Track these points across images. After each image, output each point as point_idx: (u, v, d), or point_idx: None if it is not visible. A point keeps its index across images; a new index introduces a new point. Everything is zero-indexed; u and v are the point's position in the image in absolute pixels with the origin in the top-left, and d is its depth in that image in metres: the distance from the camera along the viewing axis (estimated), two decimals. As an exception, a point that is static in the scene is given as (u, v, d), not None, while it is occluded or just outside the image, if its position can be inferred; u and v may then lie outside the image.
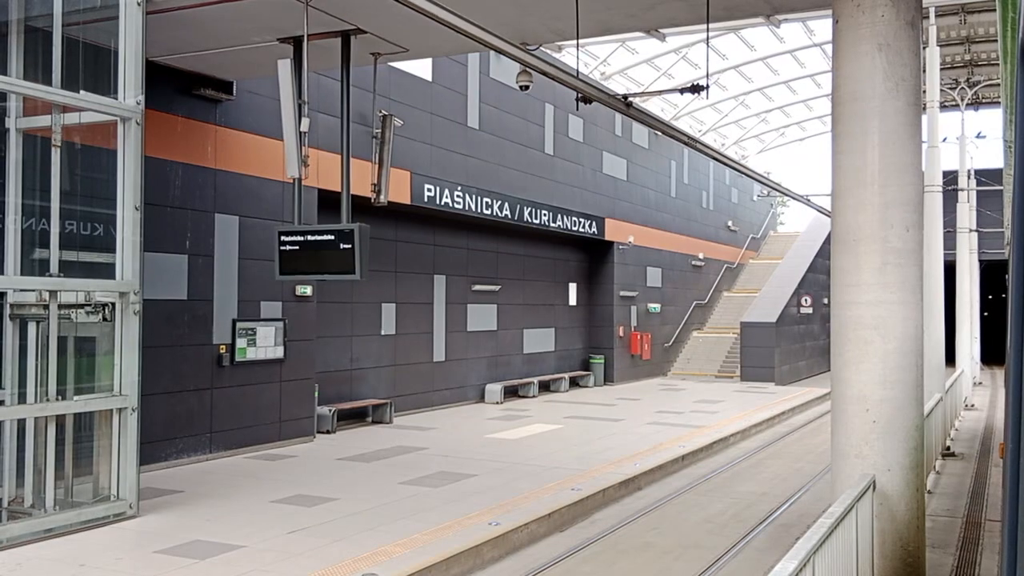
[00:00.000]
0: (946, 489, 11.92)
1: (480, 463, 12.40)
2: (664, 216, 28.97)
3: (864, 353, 7.16)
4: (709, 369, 29.11)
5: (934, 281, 14.91)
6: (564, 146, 22.56)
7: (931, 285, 14.91)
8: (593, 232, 23.67)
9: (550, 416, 17.85)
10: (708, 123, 35.96)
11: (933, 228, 15.07)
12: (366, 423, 15.99)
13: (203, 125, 12.00)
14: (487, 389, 19.89)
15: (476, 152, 18.71)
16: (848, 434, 7.29)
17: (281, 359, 13.20)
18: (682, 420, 17.62)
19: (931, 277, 14.92)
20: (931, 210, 15.09)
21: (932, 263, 14.88)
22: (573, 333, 24.54)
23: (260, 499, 9.86)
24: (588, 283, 25.34)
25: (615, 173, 25.39)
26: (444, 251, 18.68)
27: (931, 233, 15.03)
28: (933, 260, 14.95)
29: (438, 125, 17.42)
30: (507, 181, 19.80)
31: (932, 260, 14.95)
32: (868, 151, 7.24)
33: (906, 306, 7.12)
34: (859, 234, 7.23)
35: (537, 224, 20.75)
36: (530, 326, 22.19)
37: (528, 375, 21.82)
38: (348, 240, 9.72)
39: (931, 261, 14.95)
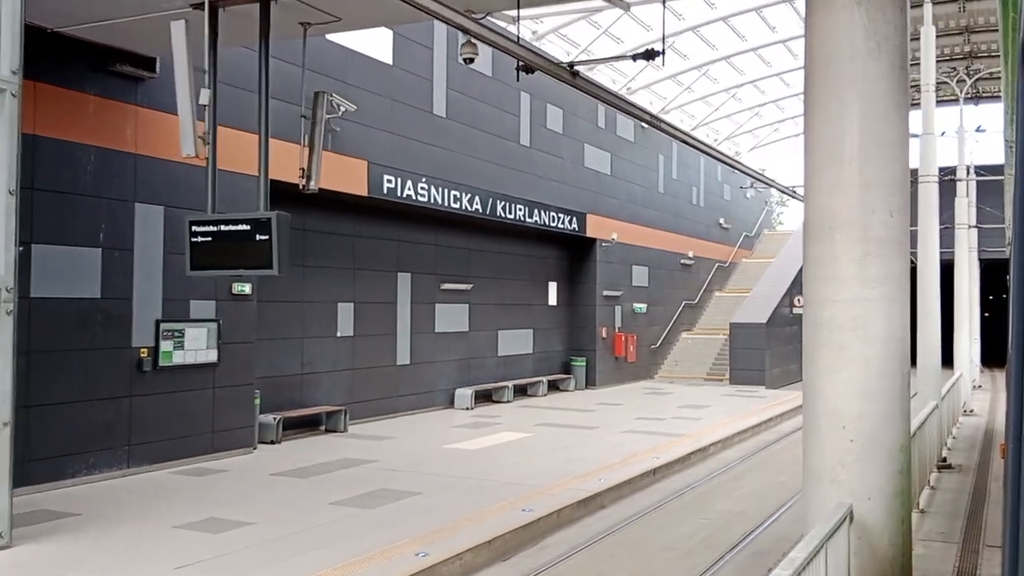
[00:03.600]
0: (941, 507, 10.80)
1: (430, 478, 11.27)
2: (651, 213, 27.84)
3: (840, 359, 6.02)
4: (698, 372, 27.97)
5: (929, 279, 13.78)
6: (542, 137, 21.43)
7: (926, 284, 13.80)
8: (574, 229, 22.54)
9: (521, 423, 16.72)
10: (699, 117, 34.85)
11: (929, 223, 13.93)
12: (318, 432, 14.85)
13: (121, 105, 10.86)
14: (457, 394, 18.76)
15: (443, 142, 17.58)
16: (821, 455, 6.15)
17: (214, 363, 12.06)
18: (662, 428, 16.49)
19: (926, 275, 13.80)
20: (927, 203, 13.97)
21: (927, 260, 13.76)
22: (553, 334, 23.41)
23: (164, 524, 8.72)
24: (569, 282, 24.21)
25: (598, 167, 24.26)
26: (409, 247, 17.56)
27: (927, 228, 13.90)
28: (928, 257, 13.83)
29: (400, 112, 16.29)
30: (479, 173, 18.67)
31: (927, 257, 13.83)
32: (845, 122, 6.08)
33: (890, 304, 5.99)
34: (835, 220, 6.07)
35: (512, 219, 19.62)
36: (505, 327, 21.06)
37: (503, 379, 20.69)
38: (265, 230, 8.59)
39: (926, 258, 13.83)
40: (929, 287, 13.74)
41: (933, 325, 13.69)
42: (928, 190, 13.99)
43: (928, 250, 13.76)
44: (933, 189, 14.01)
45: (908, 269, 6.23)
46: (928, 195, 13.96)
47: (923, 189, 14.05)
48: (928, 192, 13.97)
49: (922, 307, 13.75)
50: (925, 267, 13.81)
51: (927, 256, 13.82)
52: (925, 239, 13.86)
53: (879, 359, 5.96)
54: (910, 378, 6.27)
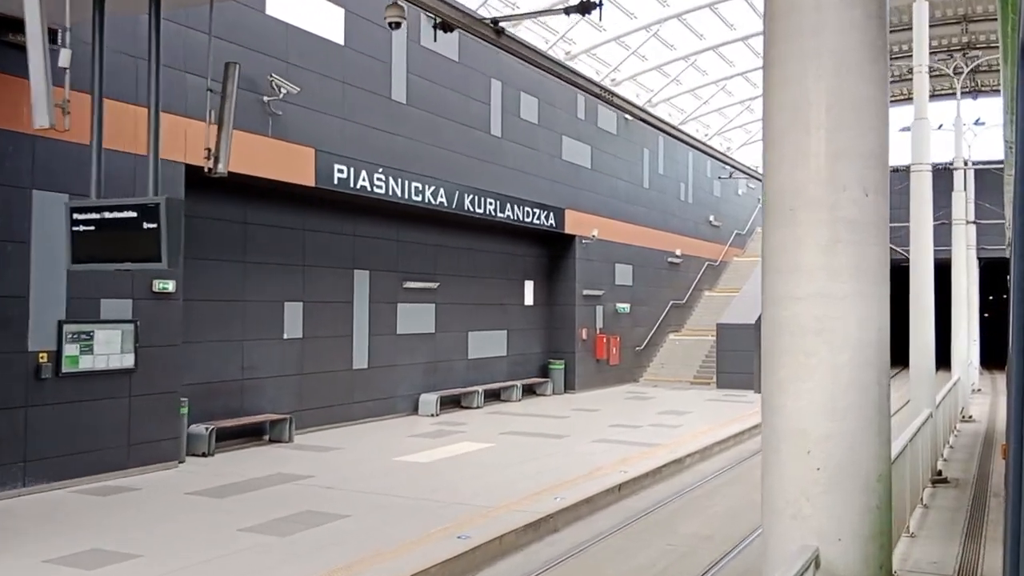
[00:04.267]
0: (934, 529, 9.68)
1: (366, 497, 10.11)
2: (636, 209, 26.67)
3: (803, 369, 4.83)
4: (684, 375, 26.82)
5: (923, 277, 12.63)
6: (515, 128, 20.27)
7: (920, 281, 12.64)
8: (551, 225, 21.38)
9: (486, 432, 15.56)
10: (688, 111, 33.71)
11: (923, 216, 12.77)
12: (261, 442, 13.69)
13: (17, 80, 9.69)
14: (421, 400, 17.59)
15: (404, 130, 16.42)
16: (782, 484, 4.98)
17: (131, 369, 10.89)
18: (636, 436, 15.32)
19: (920, 272, 12.65)
20: (920, 194, 12.82)
21: (921, 256, 12.62)
22: (529, 336, 22.25)
23: (34, 556, 7.56)
24: (547, 281, 23.05)
25: (577, 160, 23.09)
26: (367, 243, 16.40)
27: (921, 221, 12.74)
28: (922, 252, 12.68)
29: (353, 97, 15.13)
30: (444, 165, 17.51)
31: (921, 252, 12.68)
32: (810, 79, 4.86)
33: (864, 301, 4.80)
34: (797, 199, 4.87)
35: (482, 214, 18.46)
36: (477, 328, 19.90)
37: (473, 383, 19.52)
38: (153, 218, 7.44)
39: (920, 253, 12.68)
40: (923, 285, 12.60)
41: (927, 326, 12.55)
42: (921, 180, 12.85)
43: (922, 245, 12.63)
44: (927, 179, 12.88)
45: (887, 260, 5.03)
46: (922, 186, 12.82)
47: (916, 179, 12.92)
48: (922, 183, 12.83)
49: (916, 307, 12.62)
50: (919, 263, 12.67)
51: (921, 251, 12.69)
52: (919, 233, 12.72)
53: (851, 368, 4.78)
54: (890, 390, 5.10)
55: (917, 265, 12.64)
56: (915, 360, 12.53)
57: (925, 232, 12.66)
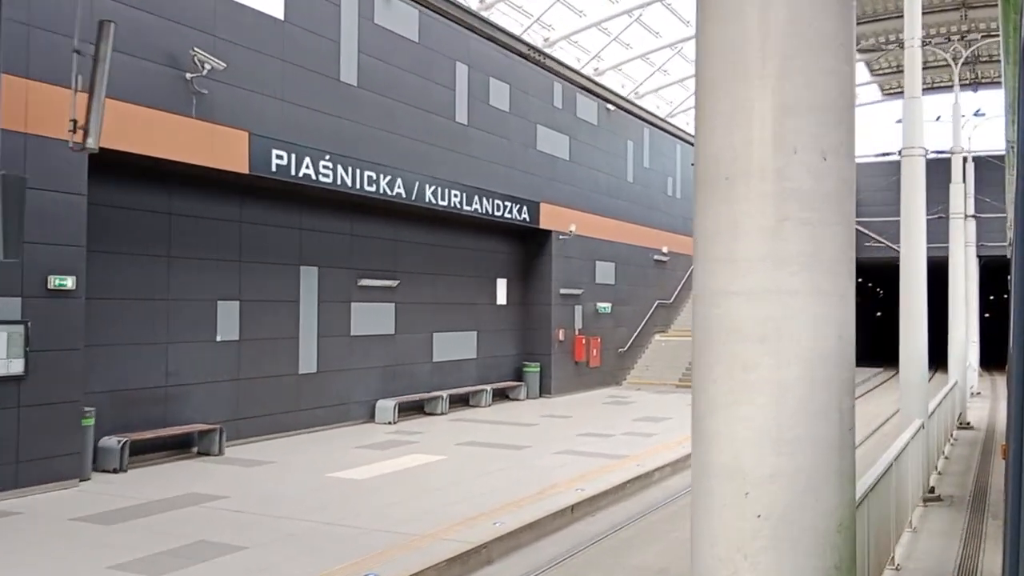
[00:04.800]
0: (924, 560, 8.50)
1: (277, 523, 8.88)
2: (619, 203, 25.44)
3: (742, 387, 3.53)
4: (669, 378, 25.58)
5: (915, 273, 11.38)
6: (483, 115, 19.03)
7: (911, 278, 11.39)
8: (524, 219, 20.14)
9: (442, 442, 14.32)
10: (676, 102, 32.47)
11: (915, 206, 11.52)
12: (188, 455, 12.46)
13: None
14: (378, 406, 16.36)
15: (355, 115, 15.19)
16: (712, 536, 3.64)
17: (20, 376, 9.66)
18: (604, 447, 14.09)
19: (912, 268, 11.40)
20: (912, 182, 11.55)
21: (913, 250, 11.37)
22: (502, 337, 21.02)
23: None
24: (522, 279, 21.82)
25: (553, 151, 21.85)
26: (316, 237, 15.16)
27: (912, 212, 11.48)
28: (914, 246, 11.42)
29: (295, 77, 13.89)
30: (402, 153, 16.28)
31: (913, 246, 11.42)
32: (753, 11, 3.60)
33: (822, 299, 3.50)
34: (735, 166, 3.54)
35: (445, 207, 17.23)
36: (443, 329, 18.67)
37: (438, 388, 18.29)
38: (-15, 199, 6.21)
39: (912, 248, 11.43)
40: (914, 283, 11.36)
41: (919, 328, 11.30)
42: (913, 167, 11.60)
43: (913, 239, 11.38)
44: (919, 165, 11.62)
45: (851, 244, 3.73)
46: (913, 172, 11.57)
47: (908, 165, 11.66)
48: (913, 169, 11.58)
49: (906, 307, 11.38)
50: (910, 260, 11.41)
51: (912, 246, 11.43)
52: (910, 226, 11.47)
53: (802, 386, 3.50)
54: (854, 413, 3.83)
55: (908, 261, 11.39)
56: (906, 365, 11.29)
57: (917, 224, 11.41)
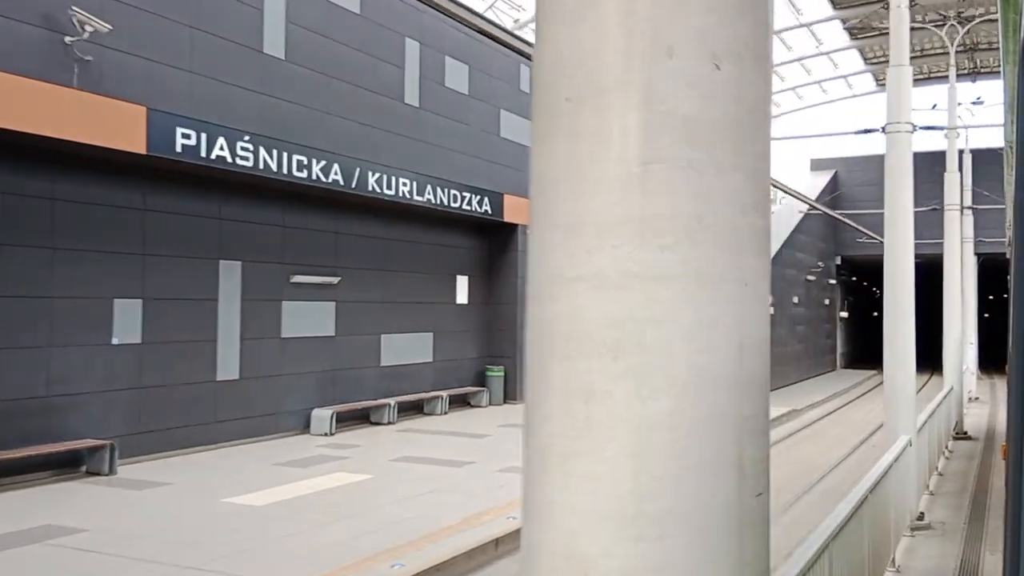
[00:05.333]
0: (909, 615, 6.97)
1: (124, 568, 7.36)
2: (594, 196, 23.90)
3: (583, 428, 1.95)
4: (649, 382, 24.03)
5: (901, 268, 9.86)
6: (438, 97, 17.52)
7: (898, 274, 9.88)
8: (485, 211, 18.62)
9: (376, 457, 12.81)
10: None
11: (901, 191, 10.01)
12: (76, 475, 10.92)
13: None
14: (313, 416, 14.84)
15: (282, 92, 13.68)
16: None
17: None
18: (557, 463, 12.58)
19: (897, 262, 9.88)
20: (899, 164, 10.03)
21: (899, 242, 9.87)
22: (463, 339, 19.50)
23: None
24: (485, 276, 20.30)
25: (520, 139, 20.34)
26: (240, 228, 13.64)
27: (898, 198, 9.97)
28: (900, 237, 9.91)
29: (206, 46, 12.37)
30: (341, 136, 14.78)
31: (899, 238, 9.91)
32: None
33: (712, 289, 1.92)
34: (578, 78, 1.93)
35: (392, 196, 15.70)
36: (393, 330, 17.15)
37: (387, 394, 16.77)
38: None
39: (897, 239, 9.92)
40: (900, 281, 9.84)
41: (905, 331, 9.77)
42: (899, 145, 10.07)
43: (899, 230, 9.86)
44: (905, 144, 10.08)
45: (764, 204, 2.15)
46: (900, 151, 10.04)
47: (893, 144, 10.14)
48: (900, 147, 10.05)
49: (892, 305, 9.87)
50: (895, 254, 9.89)
51: (899, 235, 9.92)
52: (896, 211, 9.95)
53: (678, 428, 1.94)
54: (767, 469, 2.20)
55: (894, 253, 9.88)
56: (891, 373, 9.78)
57: (903, 211, 9.90)
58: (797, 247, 29.42)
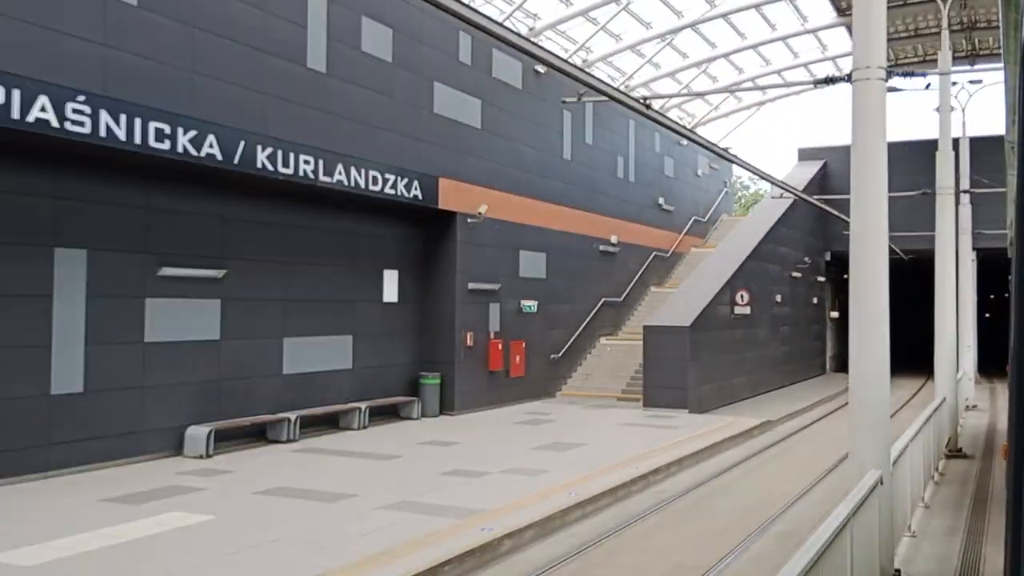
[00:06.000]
0: None
1: None
2: (551, 184, 21.61)
3: None
4: (612, 388, 21.72)
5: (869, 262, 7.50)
6: (353, 64, 15.21)
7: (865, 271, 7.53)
8: (415, 196, 16.31)
9: (242, 488, 10.51)
10: (638, 78, 28.70)
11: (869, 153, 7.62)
12: None
13: None
14: (188, 435, 12.53)
15: (134, 46, 11.37)
16: None
17: None
18: (461, 495, 10.27)
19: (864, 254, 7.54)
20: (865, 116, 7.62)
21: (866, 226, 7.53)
22: (391, 342, 17.18)
23: None
24: (419, 271, 17.99)
25: (459, 116, 18.03)
26: (85, 209, 11.32)
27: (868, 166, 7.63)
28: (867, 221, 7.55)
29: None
30: (217, 102, 12.48)
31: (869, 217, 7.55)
32: None
33: None
34: None
35: (289, 175, 13.40)
36: (300, 332, 14.83)
37: (293, 407, 14.46)
38: None
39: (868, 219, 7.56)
40: (871, 271, 7.50)
41: (877, 340, 7.41)
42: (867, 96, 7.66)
43: (867, 209, 7.51)
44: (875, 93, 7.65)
45: None
46: (868, 104, 7.60)
47: (861, 94, 7.74)
48: (868, 98, 7.64)
49: (859, 306, 7.56)
50: (864, 240, 7.56)
51: (866, 220, 7.56)
52: (865, 185, 7.60)
53: None
54: None
55: (862, 241, 7.54)
56: (857, 393, 7.46)
57: (874, 184, 7.55)
58: (781, 241, 27.11)
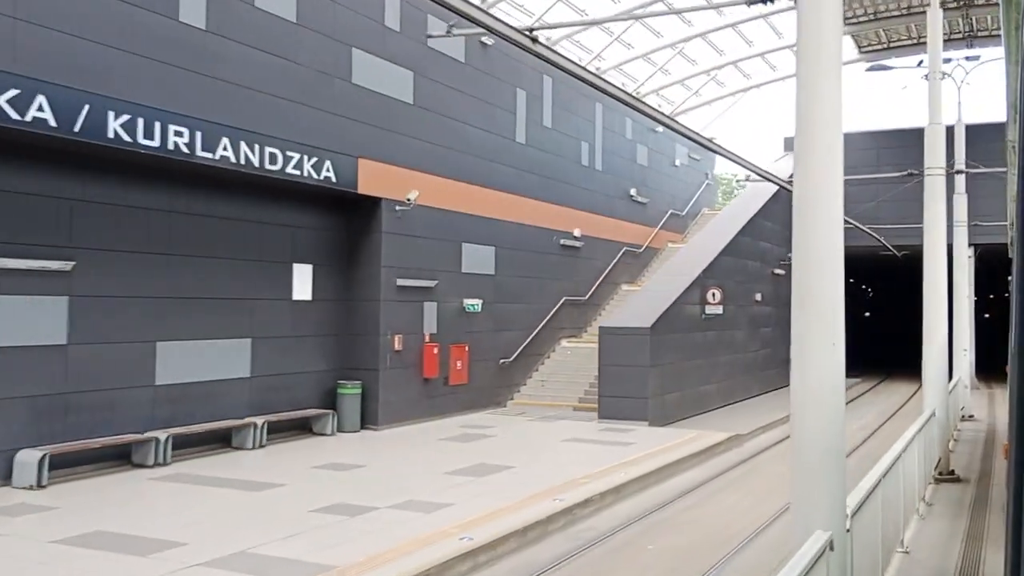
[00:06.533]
0: None
1: None
2: (502, 170, 19.44)
3: None
4: (568, 397, 19.55)
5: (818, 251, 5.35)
6: (242, 21, 13.04)
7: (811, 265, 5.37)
8: (327, 178, 14.15)
9: (52, 530, 8.36)
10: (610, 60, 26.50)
11: (820, 95, 5.44)
12: None
13: None
14: (17, 461, 10.36)
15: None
16: None
17: None
18: (313, 545, 8.10)
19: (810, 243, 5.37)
20: (814, 22, 5.52)
21: (811, 173, 5.38)
22: (303, 347, 15.00)
23: None
24: (338, 265, 15.81)
25: (385, 89, 15.85)
26: None
27: (815, 102, 5.46)
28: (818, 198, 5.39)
29: None
30: (48, 57, 10.32)
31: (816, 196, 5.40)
32: None
33: None
34: None
35: (154, 149, 11.25)
36: (179, 336, 12.65)
37: (168, 423, 12.29)
38: None
39: (808, 201, 5.40)
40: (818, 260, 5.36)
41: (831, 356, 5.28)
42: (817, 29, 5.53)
43: (816, 148, 5.39)
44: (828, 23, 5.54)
45: None
46: (819, 24, 5.53)
47: (804, 27, 5.59)
48: (819, 17, 5.54)
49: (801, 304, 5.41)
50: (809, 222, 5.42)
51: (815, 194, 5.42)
52: (810, 127, 5.46)
53: None
54: None
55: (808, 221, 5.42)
56: (800, 426, 5.32)
57: (824, 117, 5.41)
58: (760, 235, 24.94)
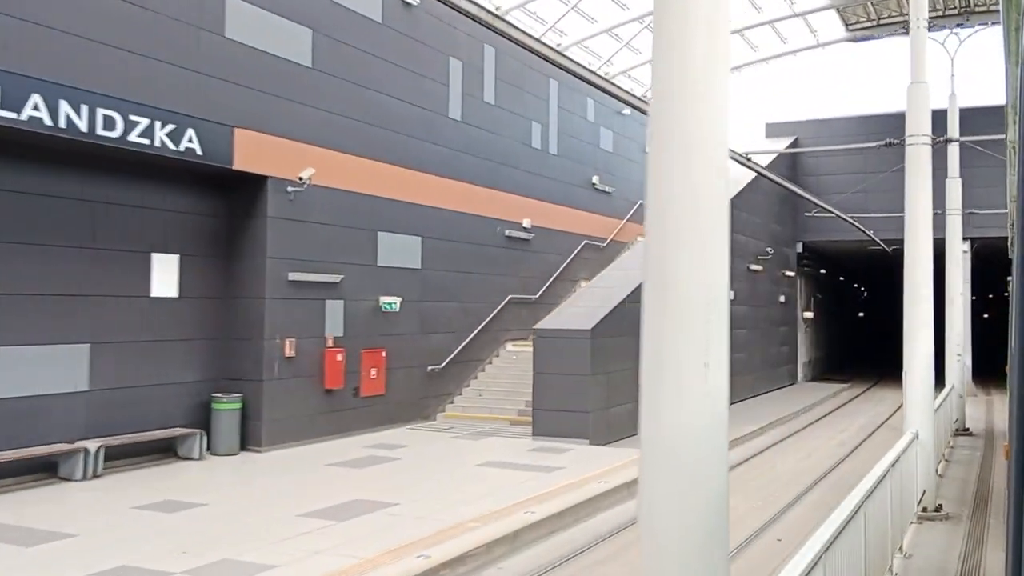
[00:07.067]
0: None
1: None
2: (430, 149, 17.01)
3: None
4: (508, 409, 17.11)
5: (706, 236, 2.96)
6: (66, -46, 10.64)
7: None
8: (191, 150, 11.73)
9: None
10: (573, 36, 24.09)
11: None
12: None
13: None
14: None
15: None
16: None
17: None
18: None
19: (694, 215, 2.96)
20: None
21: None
22: (165, 353, 12.56)
23: None
24: (213, 256, 13.38)
25: (272, 47, 13.42)
26: None
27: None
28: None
29: None
30: None
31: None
32: None
33: None
34: None
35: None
36: (-16, 341, 10.25)
37: (-41, 450, 9.89)
38: None
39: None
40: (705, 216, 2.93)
41: (694, 371, 2.87)
42: None
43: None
44: None
45: None
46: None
47: None
48: None
49: (662, 309, 2.97)
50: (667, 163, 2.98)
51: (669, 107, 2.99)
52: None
53: None
54: None
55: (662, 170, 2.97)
56: (650, 514, 3.15)
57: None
58: (735, 227, 22.50)
